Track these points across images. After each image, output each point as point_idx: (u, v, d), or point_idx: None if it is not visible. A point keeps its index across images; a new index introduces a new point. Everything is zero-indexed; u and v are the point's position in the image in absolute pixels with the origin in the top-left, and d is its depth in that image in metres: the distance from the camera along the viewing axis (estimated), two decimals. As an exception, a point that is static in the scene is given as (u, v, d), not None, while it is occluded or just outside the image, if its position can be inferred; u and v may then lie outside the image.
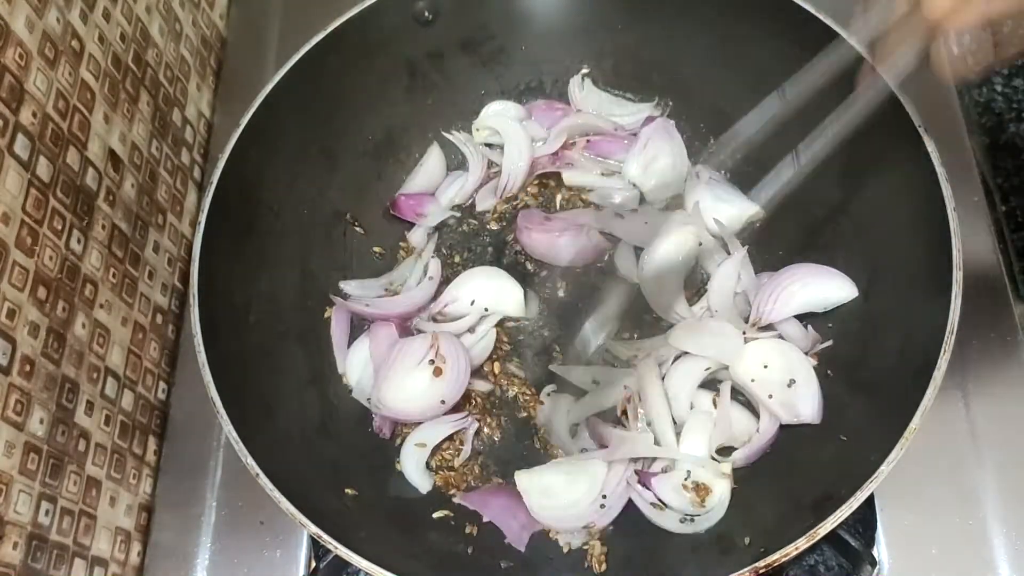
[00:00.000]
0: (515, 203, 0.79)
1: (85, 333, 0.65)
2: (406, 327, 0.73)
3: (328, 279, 0.72)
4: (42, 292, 0.61)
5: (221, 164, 0.63)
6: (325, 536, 0.51)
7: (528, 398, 0.70)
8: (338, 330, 0.72)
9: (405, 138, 0.79)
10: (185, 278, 0.82)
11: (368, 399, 0.68)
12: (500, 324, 0.73)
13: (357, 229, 0.76)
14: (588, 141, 0.80)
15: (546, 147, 0.79)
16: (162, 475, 0.73)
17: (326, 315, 0.72)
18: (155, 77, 0.80)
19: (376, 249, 0.77)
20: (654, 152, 0.77)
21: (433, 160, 0.80)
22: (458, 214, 0.79)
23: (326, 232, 0.73)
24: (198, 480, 0.72)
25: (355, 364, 0.71)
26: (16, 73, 0.60)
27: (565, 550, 0.63)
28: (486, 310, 0.72)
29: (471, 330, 0.71)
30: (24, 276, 0.59)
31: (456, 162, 0.81)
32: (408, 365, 0.67)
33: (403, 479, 0.66)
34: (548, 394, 0.70)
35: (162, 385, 0.76)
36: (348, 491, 0.62)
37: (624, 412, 0.67)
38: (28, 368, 0.58)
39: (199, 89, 0.89)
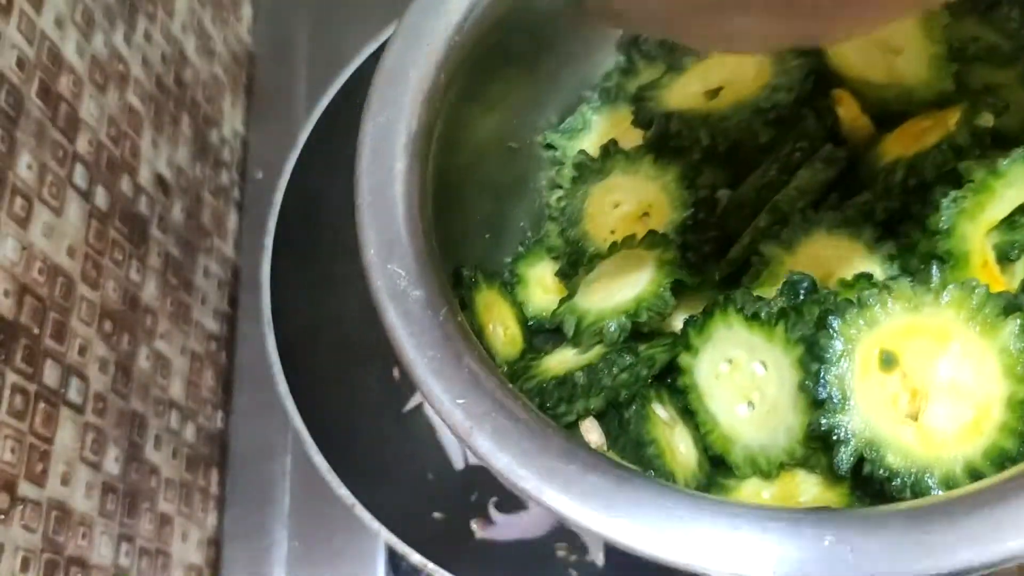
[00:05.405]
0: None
1: (148, 365, 0.63)
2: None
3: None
4: (108, 326, 0.58)
5: (283, 184, 0.62)
6: (431, 565, 0.49)
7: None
8: None
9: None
10: (233, 302, 0.80)
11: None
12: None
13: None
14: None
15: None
16: (228, 507, 0.71)
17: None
18: (193, 97, 0.77)
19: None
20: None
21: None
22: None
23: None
24: (265, 510, 0.70)
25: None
26: (71, 101, 0.57)
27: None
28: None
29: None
30: (92, 310, 0.57)
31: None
32: None
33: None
34: None
35: (220, 414, 0.74)
36: (436, 515, 0.60)
37: None
38: (101, 405, 0.56)
39: (233, 106, 0.86)
